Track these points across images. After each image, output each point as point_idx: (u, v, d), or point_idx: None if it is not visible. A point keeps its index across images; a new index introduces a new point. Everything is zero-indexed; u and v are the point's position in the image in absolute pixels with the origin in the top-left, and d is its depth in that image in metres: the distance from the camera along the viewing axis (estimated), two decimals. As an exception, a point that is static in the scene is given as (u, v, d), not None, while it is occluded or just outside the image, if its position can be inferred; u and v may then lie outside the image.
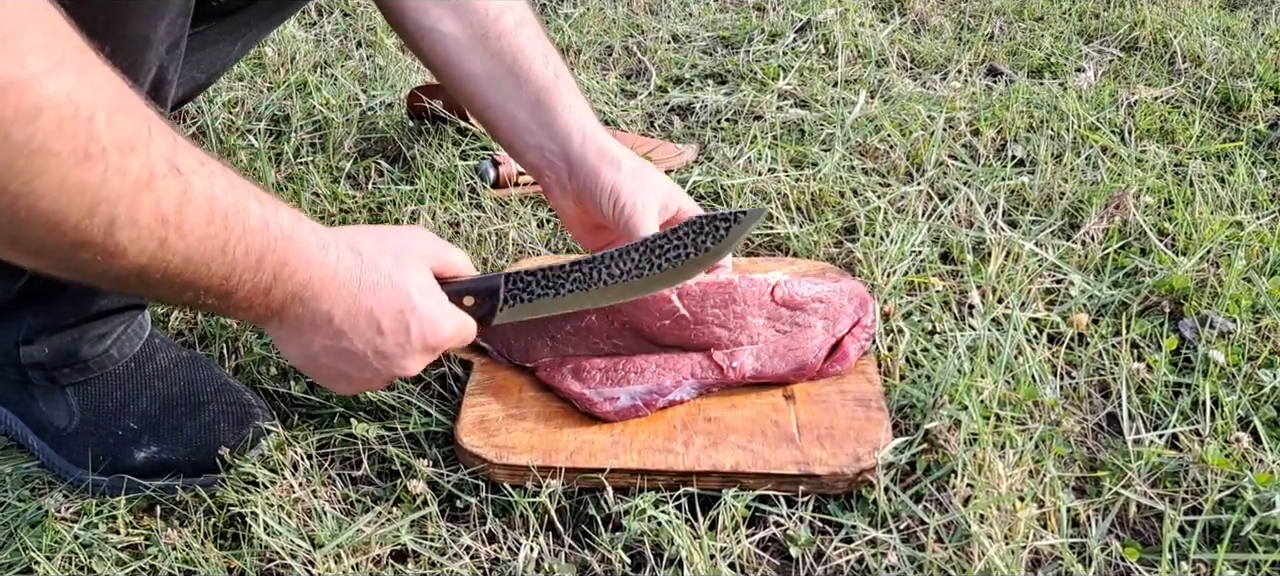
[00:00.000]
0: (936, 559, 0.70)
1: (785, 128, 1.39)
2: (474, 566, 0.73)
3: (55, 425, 0.81)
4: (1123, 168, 1.23)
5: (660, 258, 0.79)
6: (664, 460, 0.76)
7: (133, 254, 0.53)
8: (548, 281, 0.78)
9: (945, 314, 0.95)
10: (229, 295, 0.59)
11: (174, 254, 0.54)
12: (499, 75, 0.86)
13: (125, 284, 0.56)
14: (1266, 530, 0.71)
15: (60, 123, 0.47)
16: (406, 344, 0.69)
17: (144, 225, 0.52)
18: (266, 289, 0.61)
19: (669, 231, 0.79)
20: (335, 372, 0.70)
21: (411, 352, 0.70)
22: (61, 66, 0.47)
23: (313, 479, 0.78)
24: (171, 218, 0.53)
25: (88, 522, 0.77)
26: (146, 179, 0.51)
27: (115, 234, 0.51)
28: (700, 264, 0.80)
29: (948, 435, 0.78)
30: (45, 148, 0.47)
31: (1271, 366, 0.88)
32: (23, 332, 0.78)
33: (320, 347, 0.67)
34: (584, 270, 0.78)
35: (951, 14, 1.85)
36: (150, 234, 0.53)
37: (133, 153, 0.50)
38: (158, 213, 0.52)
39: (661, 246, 0.79)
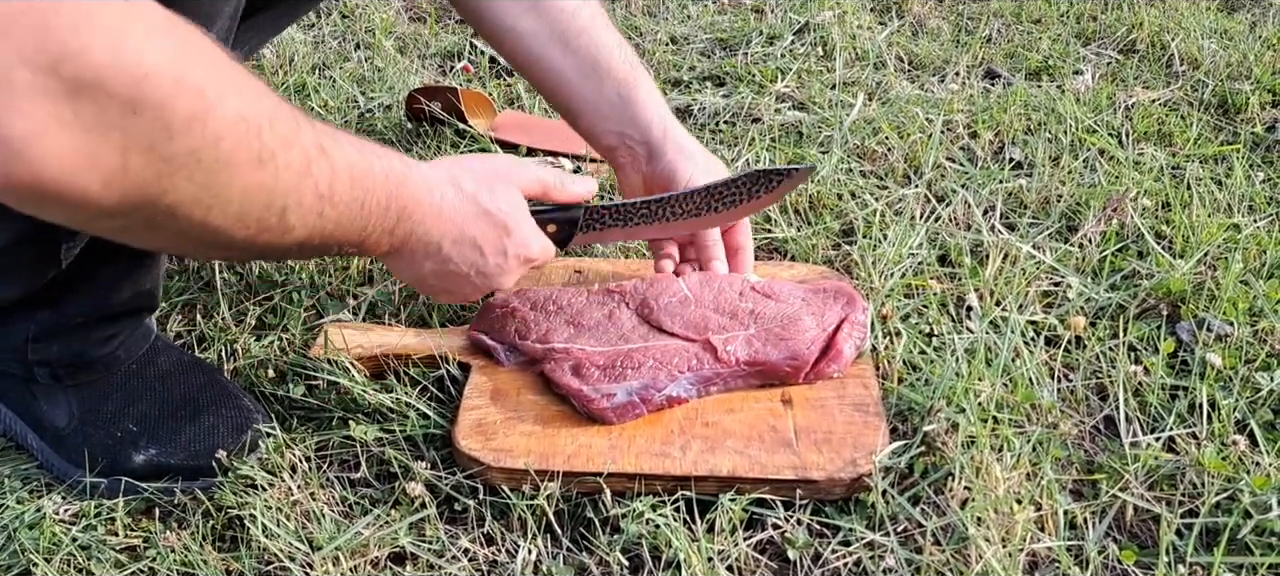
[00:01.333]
0: (934, 561, 0.70)
1: (783, 130, 1.39)
2: (472, 569, 0.73)
3: (54, 425, 0.81)
4: (1120, 170, 1.23)
5: (718, 201, 0.91)
6: (661, 464, 0.76)
7: (299, 231, 0.62)
8: (619, 214, 0.90)
9: (943, 316, 0.95)
10: (364, 241, 0.69)
11: (328, 221, 0.63)
12: (582, 69, 0.94)
13: (287, 254, 0.66)
14: (1263, 533, 0.72)
15: (237, 140, 0.54)
16: (503, 262, 0.80)
17: (308, 205, 0.61)
18: (391, 230, 0.70)
19: (727, 180, 0.90)
20: (441, 288, 0.80)
21: (507, 269, 0.81)
22: (227, 89, 0.53)
23: (311, 481, 0.78)
24: (325, 193, 0.62)
25: (86, 524, 0.77)
26: (305, 166, 0.60)
27: (287, 218, 0.60)
28: (752, 208, 0.92)
29: (945, 438, 0.78)
30: (229, 163, 0.54)
31: (1269, 369, 0.88)
32: (33, 330, 0.78)
33: (430, 270, 0.77)
34: (651, 207, 0.90)
35: (949, 16, 1.85)
36: (312, 210, 0.62)
37: (292, 148, 0.59)
38: (316, 191, 0.61)
39: (721, 193, 0.91)
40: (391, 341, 0.90)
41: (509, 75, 1.60)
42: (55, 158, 0.48)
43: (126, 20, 0.48)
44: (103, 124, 0.48)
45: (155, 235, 0.57)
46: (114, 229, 0.56)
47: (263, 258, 0.65)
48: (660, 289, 0.91)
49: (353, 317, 0.98)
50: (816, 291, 0.91)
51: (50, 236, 0.73)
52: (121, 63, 0.47)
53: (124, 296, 0.81)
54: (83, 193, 0.50)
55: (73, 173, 0.49)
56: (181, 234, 0.57)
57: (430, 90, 1.38)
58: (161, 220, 0.54)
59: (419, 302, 1.01)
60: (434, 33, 1.77)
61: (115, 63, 0.47)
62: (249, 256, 0.65)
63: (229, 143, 0.54)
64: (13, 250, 0.73)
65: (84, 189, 0.50)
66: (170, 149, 0.51)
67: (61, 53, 0.45)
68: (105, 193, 0.50)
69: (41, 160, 0.47)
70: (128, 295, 0.81)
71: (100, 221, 0.54)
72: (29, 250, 0.73)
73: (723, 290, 0.91)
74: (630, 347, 0.84)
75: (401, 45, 1.72)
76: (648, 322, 0.88)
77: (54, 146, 0.47)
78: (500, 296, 0.93)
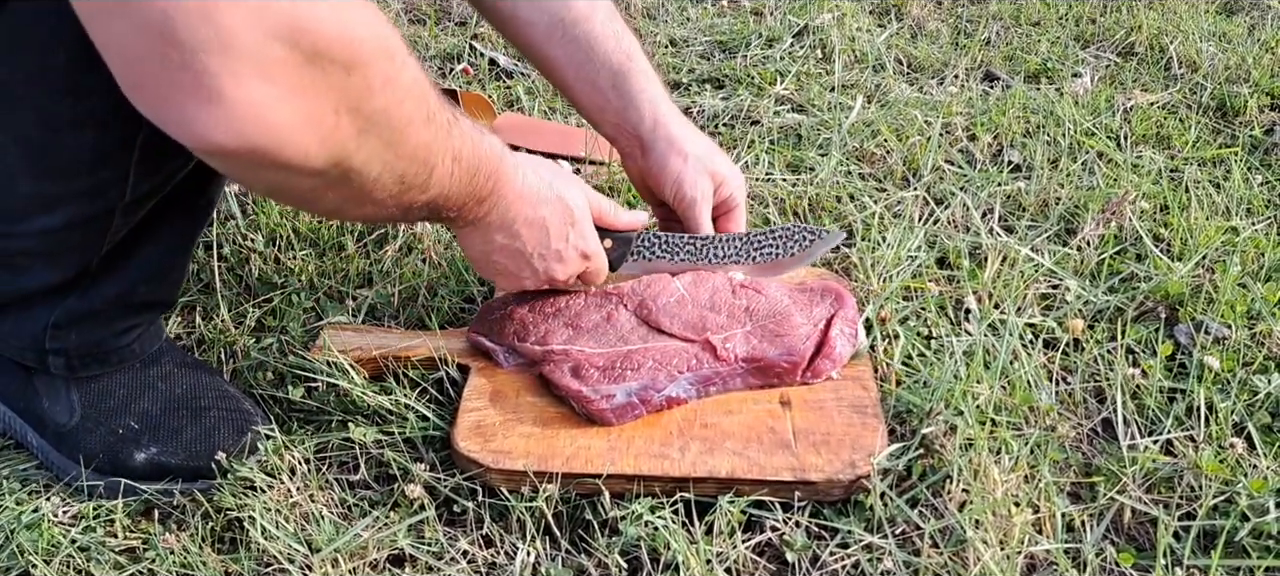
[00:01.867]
0: (932, 564, 0.70)
1: (782, 132, 1.39)
2: (471, 570, 0.73)
3: (56, 421, 0.82)
4: (1119, 173, 1.23)
5: (757, 252, 0.96)
6: (660, 466, 0.76)
7: (433, 189, 0.68)
8: (668, 247, 0.94)
9: (941, 319, 0.96)
10: (462, 208, 0.74)
11: (455, 182, 0.70)
12: (577, 59, 0.95)
13: (404, 215, 0.70)
14: (1260, 535, 0.72)
15: (416, 100, 0.62)
16: (564, 249, 0.84)
17: (446, 166, 0.68)
18: (483, 199, 0.75)
19: (765, 231, 0.96)
20: (503, 267, 0.83)
21: (566, 258, 0.84)
22: (406, 54, 0.61)
23: (310, 483, 0.78)
24: (458, 154, 0.68)
25: (85, 526, 0.77)
26: (449, 128, 0.67)
27: (433, 176, 0.67)
28: (785, 265, 0.97)
29: (943, 440, 0.78)
30: (410, 121, 0.62)
31: (1266, 372, 0.88)
32: (56, 316, 0.78)
33: (499, 245, 0.80)
34: (696, 246, 0.95)
35: (948, 19, 1.85)
36: (448, 171, 0.68)
37: (443, 110, 0.66)
38: (454, 153, 0.68)
39: (759, 243, 0.96)
40: (390, 343, 0.91)
41: (508, 77, 1.61)
42: (287, 118, 0.54)
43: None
44: (325, 86, 0.55)
45: (332, 194, 0.62)
46: (306, 189, 0.61)
47: (383, 219, 0.75)
48: (657, 290, 0.91)
49: (352, 319, 0.99)
50: (803, 289, 0.92)
51: (102, 217, 0.73)
52: (342, 30, 0.54)
53: (151, 288, 0.81)
54: (304, 150, 0.56)
55: (299, 130, 0.55)
56: (356, 192, 0.63)
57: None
58: (345, 177, 0.61)
59: (418, 304, 1.01)
60: (434, 35, 1.78)
61: (338, 31, 0.54)
62: (388, 216, 0.70)
63: (410, 103, 0.61)
64: (65, 233, 0.73)
65: (305, 147, 0.56)
66: (371, 107, 0.58)
67: (299, 26, 0.52)
68: (319, 149, 0.57)
69: (277, 121, 0.54)
70: (154, 287, 0.82)
71: (301, 181, 0.59)
72: (79, 233, 0.73)
73: (716, 289, 0.91)
74: (629, 349, 0.84)
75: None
76: (646, 323, 0.88)
77: (288, 109, 0.54)
78: (498, 298, 0.93)
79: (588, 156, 1.31)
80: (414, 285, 1.03)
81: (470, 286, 1.04)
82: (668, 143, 0.94)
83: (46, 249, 0.74)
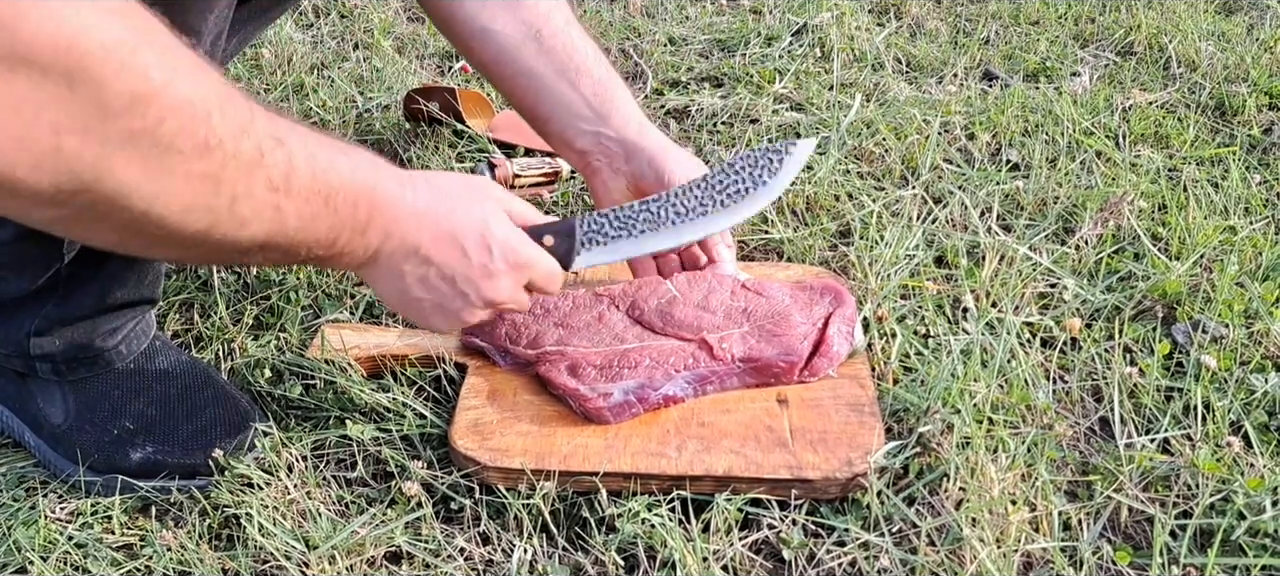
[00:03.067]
0: (929, 562, 0.70)
1: (781, 131, 1.39)
2: (468, 568, 0.73)
3: (51, 421, 0.82)
4: (1117, 172, 1.23)
5: (722, 193, 0.83)
6: (657, 464, 0.76)
7: (255, 226, 0.58)
8: (620, 222, 0.82)
9: (939, 317, 0.96)
10: (334, 243, 0.65)
11: (288, 216, 0.60)
12: (557, 68, 0.92)
13: (249, 254, 0.61)
14: (1257, 534, 0.72)
15: (182, 125, 0.51)
16: (490, 264, 0.74)
17: (260, 197, 0.57)
18: (363, 230, 0.66)
19: (724, 167, 0.83)
20: (430, 305, 0.74)
21: (497, 272, 0.74)
22: (177, 73, 0.51)
23: (307, 480, 0.79)
24: (280, 184, 0.58)
25: (82, 523, 0.77)
26: (256, 156, 0.56)
27: (238, 209, 0.56)
28: (759, 198, 0.84)
29: (940, 439, 0.79)
30: (173, 148, 0.51)
31: (1263, 371, 0.88)
32: (37, 323, 0.79)
33: (413, 279, 0.72)
34: (652, 209, 0.82)
35: (947, 18, 1.85)
36: (266, 203, 0.58)
37: (244, 136, 0.55)
38: (269, 183, 0.58)
39: (721, 182, 0.83)
40: (388, 342, 0.91)
41: (507, 75, 1.60)
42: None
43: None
44: (35, 102, 0.46)
45: (100, 228, 0.54)
46: (54, 219, 0.53)
47: (223, 258, 0.62)
48: (649, 291, 0.91)
49: (350, 317, 0.99)
50: (803, 288, 0.91)
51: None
52: (59, 39, 0.45)
53: (129, 287, 0.81)
54: (10, 174, 0.47)
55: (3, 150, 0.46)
56: (129, 227, 0.54)
57: (428, 90, 1.38)
58: (103, 210, 0.52)
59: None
60: (432, 33, 1.77)
61: (52, 38, 0.45)
62: (208, 256, 0.61)
63: (172, 126, 0.51)
64: (18, 245, 0.73)
65: (11, 170, 0.47)
66: (108, 130, 0.49)
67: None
68: (35, 176, 0.48)
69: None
70: (132, 286, 0.82)
71: (38, 210, 0.51)
72: (33, 245, 0.74)
73: (712, 289, 0.90)
74: (626, 348, 0.84)
75: (400, 45, 1.72)
76: (640, 324, 0.88)
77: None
78: None
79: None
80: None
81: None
82: (656, 146, 0.92)
83: (7, 260, 0.74)
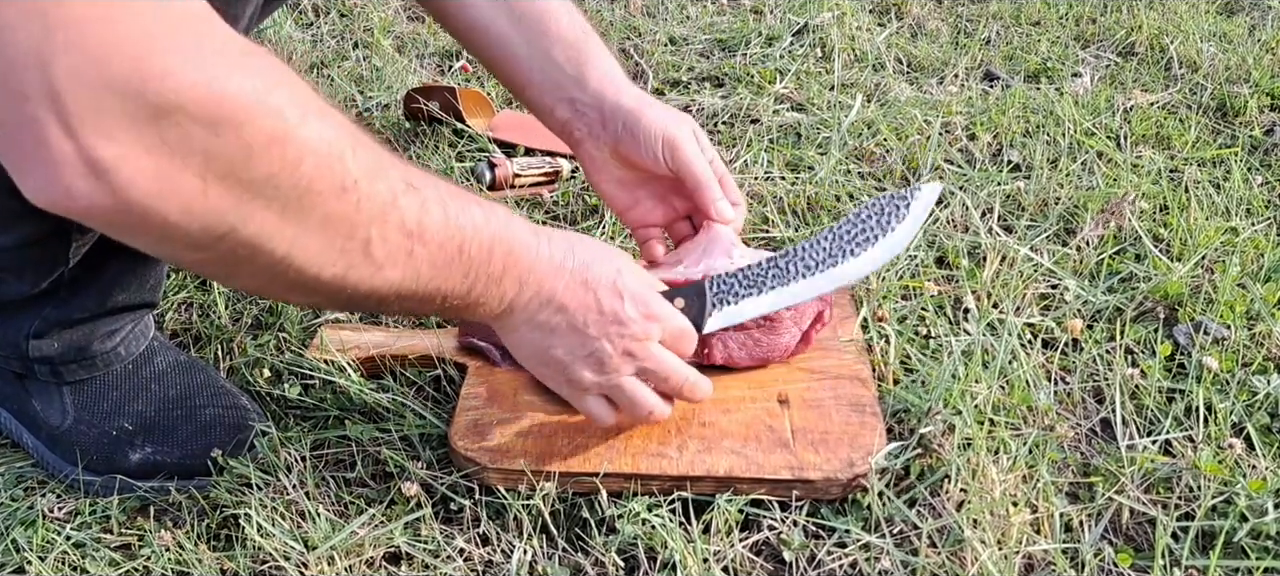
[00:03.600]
0: (929, 563, 0.70)
1: (782, 131, 1.39)
2: (467, 569, 0.72)
3: (50, 423, 0.81)
4: (1118, 173, 1.23)
5: (850, 243, 0.81)
6: (658, 465, 0.76)
7: (389, 271, 0.59)
8: (749, 280, 0.80)
9: (940, 318, 0.95)
10: (469, 292, 0.65)
11: (422, 263, 0.60)
12: (529, 36, 0.89)
13: (385, 302, 0.62)
14: (1259, 536, 0.72)
15: (319, 165, 0.53)
16: (621, 311, 0.71)
17: (394, 242, 0.58)
18: (499, 279, 0.66)
19: (849, 217, 0.81)
20: (566, 363, 0.72)
21: (630, 321, 0.72)
22: (309, 114, 0.52)
23: (306, 481, 0.78)
24: (414, 229, 0.59)
25: (81, 522, 0.77)
26: (391, 199, 0.57)
27: (372, 252, 0.57)
28: (888, 246, 0.81)
29: (942, 440, 0.78)
30: (311, 189, 0.53)
31: (1265, 372, 0.88)
32: (36, 325, 0.78)
33: (549, 330, 0.71)
34: (780, 265, 0.80)
35: (948, 18, 1.85)
36: (400, 248, 0.59)
37: (378, 178, 0.56)
38: (403, 227, 0.58)
39: (848, 232, 0.81)
40: (388, 342, 0.90)
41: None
42: (139, 182, 0.48)
43: (207, 44, 0.48)
44: (185, 147, 0.48)
45: (241, 271, 0.56)
46: (202, 262, 0.55)
47: (362, 304, 0.63)
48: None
49: (350, 317, 0.98)
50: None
51: (60, 237, 0.73)
52: (203, 85, 0.47)
53: (130, 291, 0.81)
54: (164, 219, 0.50)
55: (154, 197, 0.49)
56: (268, 271, 0.55)
57: (428, 89, 1.38)
58: (243, 254, 0.54)
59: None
60: (432, 32, 1.77)
61: (197, 85, 0.47)
62: (348, 303, 0.62)
63: (309, 167, 0.53)
64: (22, 250, 0.73)
65: (165, 215, 0.49)
66: (250, 173, 0.51)
67: (146, 76, 0.46)
68: (185, 220, 0.50)
69: (127, 184, 0.47)
70: (133, 290, 0.82)
71: (186, 253, 0.53)
72: (38, 250, 0.73)
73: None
74: None
75: (399, 44, 1.72)
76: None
77: (138, 170, 0.47)
78: None
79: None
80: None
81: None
82: (636, 100, 0.87)
83: (9, 265, 0.74)
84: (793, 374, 0.86)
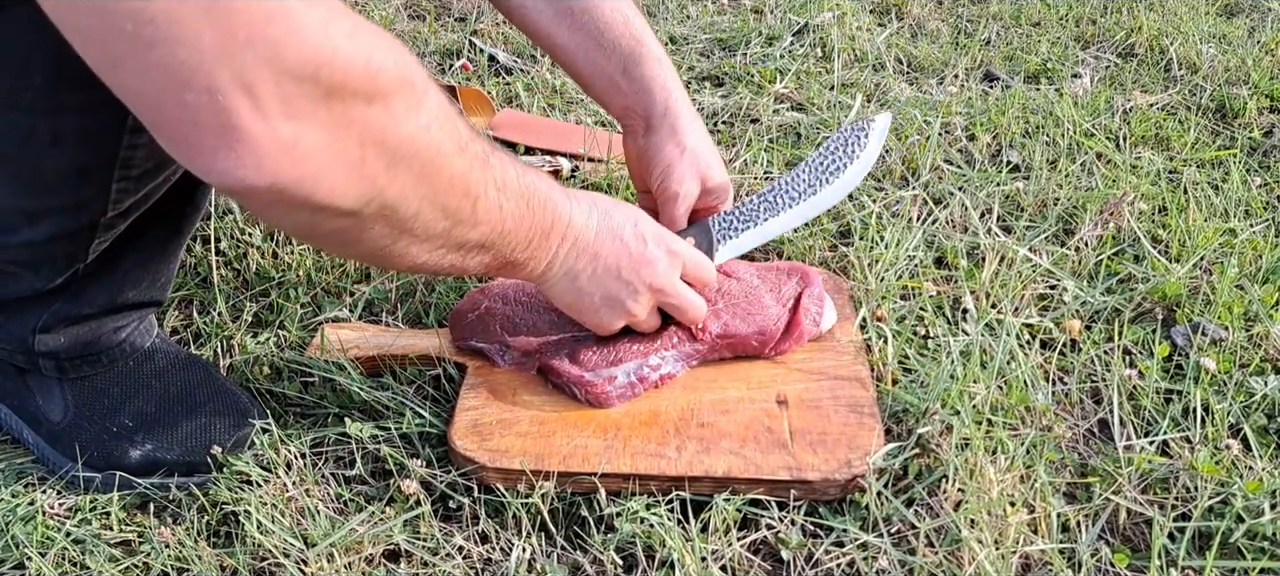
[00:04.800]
0: (927, 563, 0.70)
1: (781, 131, 1.39)
2: (466, 566, 0.73)
3: (50, 419, 0.82)
4: (1117, 174, 1.23)
5: (824, 173, 0.93)
6: (657, 465, 0.76)
7: (484, 225, 0.66)
8: (745, 215, 0.92)
9: (938, 319, 0.96)
10: (529, 244, 0.72)
11: (507, 216, 0.67)
12: (586, 46, 0.96)
13: (468, 260, 0.69)
14: (1255, 537, 0.72)
15: (442, 127, 0.60)
16: (646, 251, 0.80)
17: (491, 198, 0.66)
18: (547, 234, 0.73)
19: (819, 152, 0.94)
20: (601, 298, 0.80)
21: (655, 258, 0.80)
22: (427, 81, 0.59)
23: (306, 478, 0.78)
24: (501, 184, 0.66)
25: (81, 519, 0.77)
26: (485, 157, 0.65)
27: (477, 209, 0.65)
28: (856, 171, 0.94)
29: (940, 440, 0.78)
30: (440, 150, 0.60)
31: (1263, 374, 0.88)
32: (44, 320, 0.79)
33: (586, 277, 0.78)
34: (770, 198, 0.93)
35: (949, 18, 1.85)
36: (494, 203, 0.66)
37: (475, 139, 0.64)
38: (497, 182, 0.66)
39: (821, 163, 0.93)
40: (388, 340, 0.91)
41: (507, 74, 1.60)
42: (312, 155, 0.53)
43: (353, 25, 0.53)
44: (348, 119, 0.54)
45: (368, 237, 0.61)
46: (339, 230, 0.59)
47: (444, 267, 0.68)
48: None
49: (350, 315, 0.98)
50: (771, 270, 0.94)
51: (86, 232, 0.73)
52: (359, 61, 0.53)
53: (141, 288, 0.82)
54: (332, 187, 0.55)
55: (326, 167, 0.54)
56: (393, 233, 0.61)
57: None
58: (381, 218, 0.59)
59: (415, 301, 1.01)
60: (433, 30, 1.77)
61: (355, 62, 0.53)
62: (431, 263, 0.67)
63: (437, 131, 0.59)
64: (46, 245, 0.73)
65: (333, 183, 0.55)
66: (397, 137, 0.57)
67: (317, 59, 0.51)
68: (348, 186, 0.56)
69: (303, 159, 0.53)
70: (144, 287, 0.82)
71: (334, 221, 0.58)
72: (62, 245, 0.74)
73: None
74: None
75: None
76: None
77: (311, 145, 0.53)
78: (464, 302, 0.93)
79: (586, 154, 1.31)
80: (411, 282, 1.03)
81: (468, 284, 1.04)
82: (671, 130, 0.94)
83: (31, 259, 0.74)
84: (791, 375, 0.86)
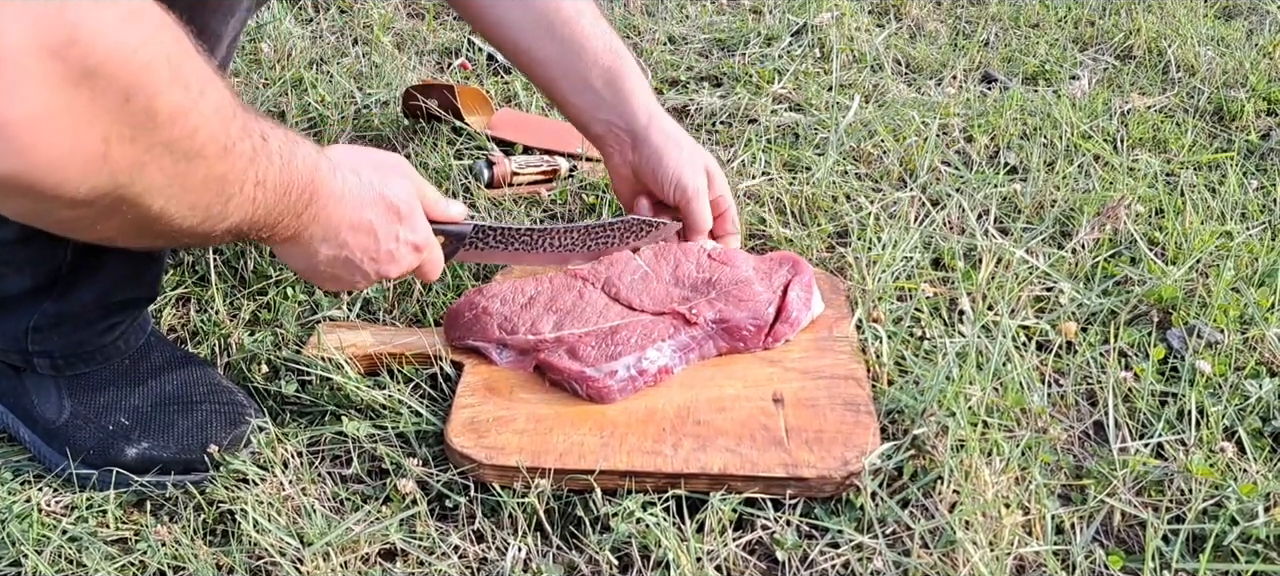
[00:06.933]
0: (922, 564, 0.70)
1: (779, 131, 1.39)
2: (462, 565, 0.73)
3: (46, 417, 0.82)
4: (1115, 176, 1.23)
5: (591, 240, 0.97)
6: (653, 462, 0.76)
7: (234, 218, 0.61)
8: (502, 238, 0.93)
9: (935, 320, 0.96)
10: (275, 226, 0.67)
11: (259, 208, 0.63)
12: (567, 59, 0.96)
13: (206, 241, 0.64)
14: (1249, 540, 0.72)
15: (212, 132, 0.55)
16: (395, 249, 0.79)
17: (247, 194, 0.61)
18: (300, 214, 0.69)
19: (600, 224, 0.97)
20: (331, 276, 0.78)
21: (397, 257, 0.79)
22: (207, 83, 0.54)
23: (302, 476, 0.79)
24: (261, 179, 0.62)
25: (77, 516, 0.77)
26: (253, 155, 0.60)
27: (229, 206, 0.60)
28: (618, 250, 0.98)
29: (935, 441, 0.79)
30: (200, 155, 0.55)
31: (1258, 377, 0.88)
32: (36, 319, 0.79)
33: (325, 257, 0.75)
34: (532, 238, 0.95)
35: (947, 20, 1.85)
36: (249, 198, 0.61)
37: (245, 137, 0.59)
38: (256, 179, 0.61)
39: (595, 234, 0.97)
40: (384, 339, 0.91)
41: (506, 72, 1.60)
42: (44, 145, 0.47)
43: (128, 10, 0.48)
44: (93, 112, 0.48)
45: (106, 224, 0.56)
46: (72, 220, 0.54)
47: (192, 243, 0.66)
48: (620, 267, 0.95)
49: (346, 314, 0.98)
50: (764, 259, 0.97)
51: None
52: (123, 50, 0.47)
53: (129, 286, 0.82)
54: (59, 182, 0.49)
55: (56, 161, 0.48)
56: (135, 223, 0.56)
57: (427, 87, 1.38)
58: (119, 210, 0.54)
59: (413, 299, 1.01)
60: (432, 29, 1.77)
61: (117, 50, 0.47)
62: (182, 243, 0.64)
63: (204, 135, 0.54)
64: (21, 244, 0.73)
65: (61, 178, 0.48)
66: (152, 139, 0.51)
67: (70, 38, 0.45)
68: (80, 181, 0.49)
69: (32, 147, 0.46)
70: (132, 284, 0.82)
71: (61, 211, 0.52)
72: (34, 245, 0.74)
73: (680, 261, 0.95)
74: (612, 325, 0.87)
75: (399, 41, 1.72)
76: (618, 301, 0.91)
77: (45, 134, 0.46)
78: (460, 302, 0.93)
79: (584, 153, 1.31)
80: (408, 280, 1.03)
81: (464, 283, 1.04)
82: (663, 136, 0.96)
83: (10, 258, 0.75)
84: (787, 373, 0.86)
